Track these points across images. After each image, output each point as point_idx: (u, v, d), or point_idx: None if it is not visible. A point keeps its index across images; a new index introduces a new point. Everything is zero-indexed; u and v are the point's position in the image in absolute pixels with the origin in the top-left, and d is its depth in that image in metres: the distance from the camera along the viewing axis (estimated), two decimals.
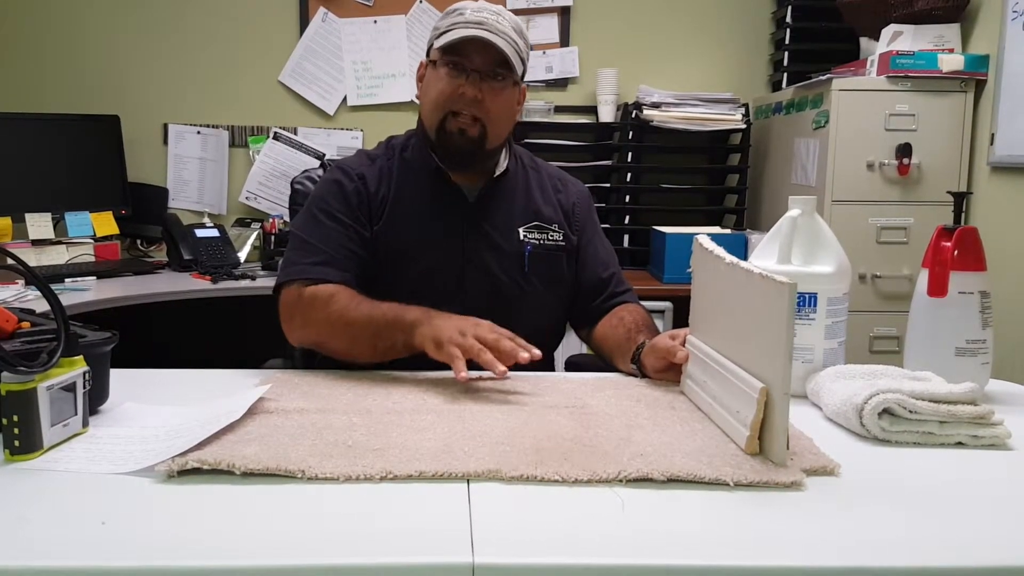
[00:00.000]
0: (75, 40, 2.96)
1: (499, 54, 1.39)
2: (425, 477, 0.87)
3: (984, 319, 1.22)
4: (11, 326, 0.99)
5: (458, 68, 1.41)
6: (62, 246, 2.63)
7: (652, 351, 1.29)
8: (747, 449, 0.95)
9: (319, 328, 1.36)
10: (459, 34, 1.39)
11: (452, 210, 1.48)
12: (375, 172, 1.49)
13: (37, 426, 0.90)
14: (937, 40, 2.41)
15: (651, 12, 3.07)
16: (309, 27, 3.00)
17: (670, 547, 0.75)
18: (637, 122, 2.80)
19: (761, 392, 0.94)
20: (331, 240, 1.43)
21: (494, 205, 1.50)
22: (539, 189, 1.57)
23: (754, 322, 0.99)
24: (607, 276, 1.56)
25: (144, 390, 1.16)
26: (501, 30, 1.41)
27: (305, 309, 1.37)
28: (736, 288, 1.05)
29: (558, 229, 1.54)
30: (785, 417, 0.92)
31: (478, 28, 1.39)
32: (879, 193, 2.40)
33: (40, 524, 0.76)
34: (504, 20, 1.43)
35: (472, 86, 1.40)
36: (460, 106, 1.42)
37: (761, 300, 0.96)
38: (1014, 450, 1.03)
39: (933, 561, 0.74)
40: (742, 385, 0.99)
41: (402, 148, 1.54)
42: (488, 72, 1.41)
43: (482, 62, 1.40)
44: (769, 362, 0.94)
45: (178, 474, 0.86)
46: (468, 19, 1.41)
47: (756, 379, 0.97)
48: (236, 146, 3.05)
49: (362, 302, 1.34)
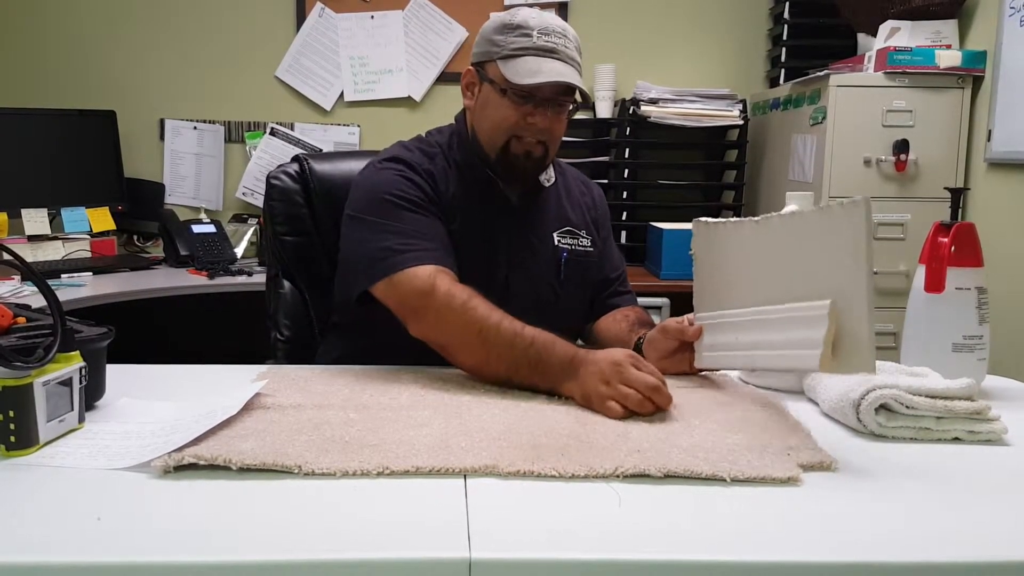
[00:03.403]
0: (71, 35, 2.95)
1: (570, 85, 1.35)
2: (422, 472, 0.87)
3: (981, 315, 1.22)
4: (7, 321, 0.98)
5: (528, 97, 1.36)
6: (58, 242, 2.63)
7: (660, 333, 1.30)
8: (822, 367, 0.97)
9: (452, 335, 1.24)
10: (535, 69, 1.33)
11: (499, 215, 1.45)
12: (440, 170, 1.44)
13: (33, 422, 0.90)
14: (934, 36, 2.41)
15: (649, 8, 3.07)
16: (306, 22, 3.00)
17: (667, 543, 0.75)
18: (635, 118, 2.80)
19: (831, 307, 0.97)
20: (424, 228, 1.34)
21: (534, 210, 1.49)
22: (566, 193, 1.56)
23: (808, 256, 1.02)
24: (615, 276, 1.58)
25: (140, 385, 1.16)
26: (570, 56, 1.36)
27: (440, 308, 1.24)
28: (771, 238, 1.09)
29: (586, 235, 1.53)
30: (870, 325, 0.94)
31: (551, 57, 1.34)
32: (876, 189, 2.39)
33: (36, 520, 0.76)
34: (570, 41, 1.37)
35: (543, 116, 1.37)
36: (528, 133, 1.39)
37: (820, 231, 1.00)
38: (1010, 446, 1.03)
39: (930, 556, 0.74)
40: (800, 312, 1.02)
41: (448, 147, 1.48)
42: (556, 100, 1.38)
43: (553, 90, 1.36)
44: (843, 280, 0.97)
45: (174, 469, 0.86)
46: (537, 44, 1.34)
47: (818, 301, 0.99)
48: (233, 142, 3.05)
49: (503, 320, 1.21)
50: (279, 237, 1.64)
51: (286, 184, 1.64)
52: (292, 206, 1.63)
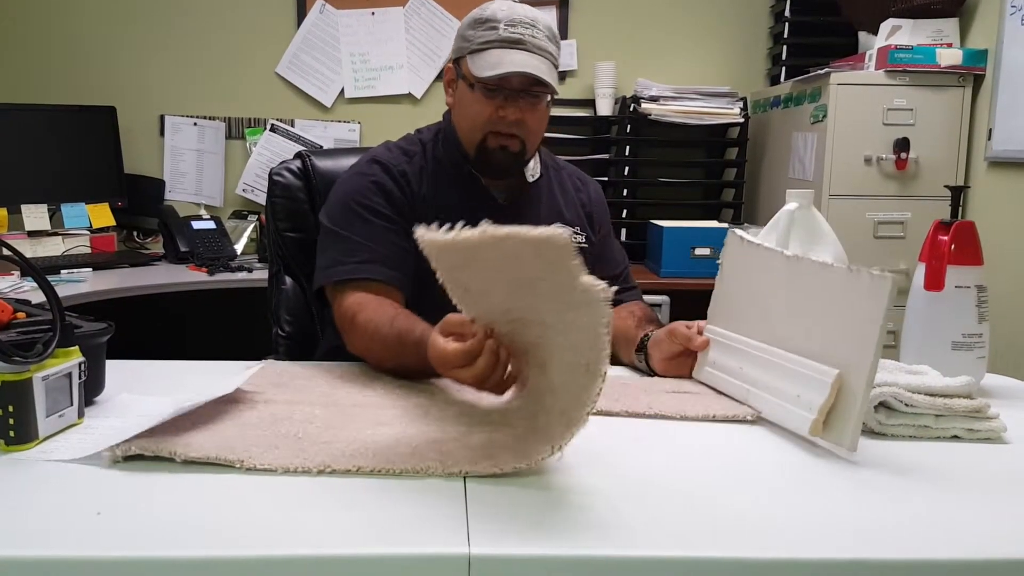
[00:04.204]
0: (71, 31, 2.95)
1: (539, 76, 1.34)
2: (363, 472, 0.86)
3: (980, 313, 1.22)
4: (6, 316, 0.98)
5: (496, 90, 1.36)
6: (58, 237, 2.63)
7: (667, 336, 1.28)
8: (811, 432, 0.98)
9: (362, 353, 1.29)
10: (497, 61, 1.33)
11: (483, 213, 1.42)
12: (415, 169, 1.44)
13: (32, 417, 0.90)
14: (935, 35, 2.41)
15: (650, 5, 3.07)
16: (307, 18, 3.00)
17: (665, 539, 0.75)
18: (635, 116, 2.80)
19: (836, 378, 0.97)
20: (377, 237, 1.37)
21: (523, 208, 1.48)
22: (560, 190, 1.55)
23: (828, 311, 1.01)
24: (616, 275, 1.56)
25: (140, 381, 1.16)
26: (538, 46, 1.35)
27: (344, 326, 1.31)
28: (799, 279, 1.07)
29: (580, 232, 1.52)
30: (864, 405, 0.95)
31: (516, 49, 1.34)
32: (876, 187, 2.40)
33: (35, 514, 0.76)
34: (540, 31, 1.36)
35: (513, 108, 1.37)
36: (501, 127, 1.38)
37: (844, 291, 0.99)
38: (1009, 444, 1.03)
39: (928, 554, 0.74)
40: (807, 371, 1.02)
41: (432, 144, 1.49)
42: (528, 92, 1.37)
43: (522, 82, 1.35)
44: (851, 350, 0.97)
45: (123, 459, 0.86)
46: (503, 36, 1.34)
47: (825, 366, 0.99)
48: (233, 138, 3.04)
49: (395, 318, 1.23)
50: (281, 233, 1.65)
51: (289, 180, 1.65)
52: (294, 202, 1.64)
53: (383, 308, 1.27)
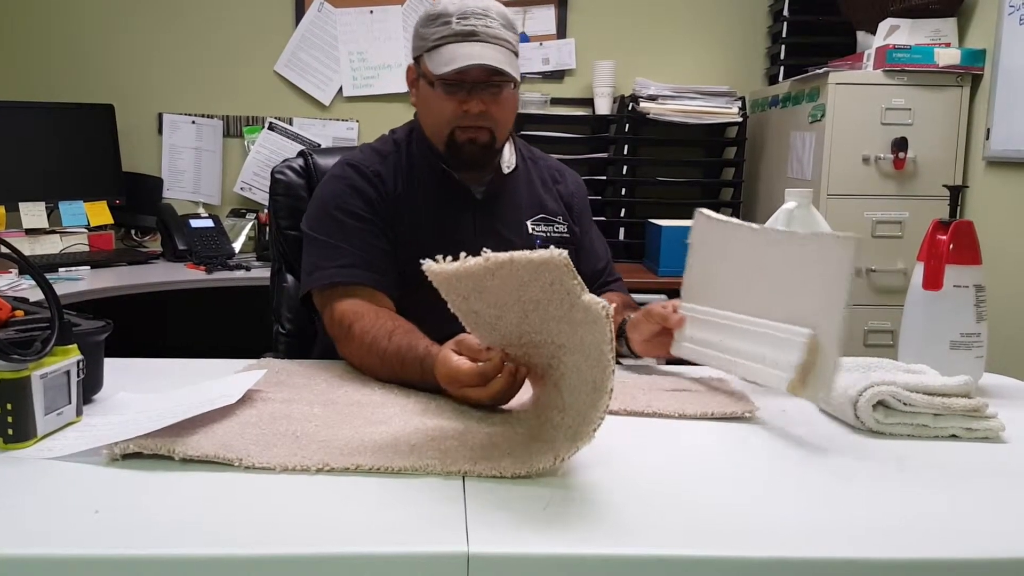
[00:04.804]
0: (70, 29, 2.95)
1: (496, 67, 1.34)
2: (362, 471, 0.86)
3: (979, 312, 1.22)
4: (5, 314, 0.98)
5: (456, 85, 1.36)
6: (56, 235, 2.63)
7: (644, 317, 1.31)
8: (789, 390, 1.03)
9: (356, 363, 1.28)
10: (452, 56, 1.33)
11: (461, 208, 1.45)
12: (389, 170, 1.44)
13: (31, 414, 0.90)
14: (934, 34, 2.41)
15: (649, 4, 3.07)
16: (305, 17, 2.99)
17: (664, 538, 0.75)
18: (634, 115, 2.80)
19: (810, 337, 1.02)
20: (356, 239, 1.36)
21: (502, 201, 1.48)
22: (540, 181, 1.55)
23: (797, 277, 1.06)
24: (601, 267, 1.58)
25: (138, 379, 1.16)
26: (492, 35, 1.34)
27: (338, 335, 1.30)
28: (766, 249, 1.12)
29: (562, 221, 1.53)
30: (836, 362, 1.00)
31: (470, 41, 1.33)
32: (875, 187, 2.40)
33: (33, 512, 0.76)
34: (493, 20, 1.35)
35: (476, 101, 1.36)
36: (466, 121, 1.38)
37: (811, 255, 1.04)
38: (1007, 443, 1.03)
39: (926, 553, 0.74)
40: (781, 334, 1.06)
41: (407, 143, 1.49)
42: (488, 82, 1.36)
43: (480, 74, 1.35)
44: (821, 310, 1.02)
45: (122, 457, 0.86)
46: (456, 29, 1.34)
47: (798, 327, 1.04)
48: (231, 136, 3.04)
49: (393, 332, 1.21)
50: (283, 231, 1.66)
51: (290, 179, 1.66)
52: (296, 200, 1.64)
53: (380, 320, 1.25)
